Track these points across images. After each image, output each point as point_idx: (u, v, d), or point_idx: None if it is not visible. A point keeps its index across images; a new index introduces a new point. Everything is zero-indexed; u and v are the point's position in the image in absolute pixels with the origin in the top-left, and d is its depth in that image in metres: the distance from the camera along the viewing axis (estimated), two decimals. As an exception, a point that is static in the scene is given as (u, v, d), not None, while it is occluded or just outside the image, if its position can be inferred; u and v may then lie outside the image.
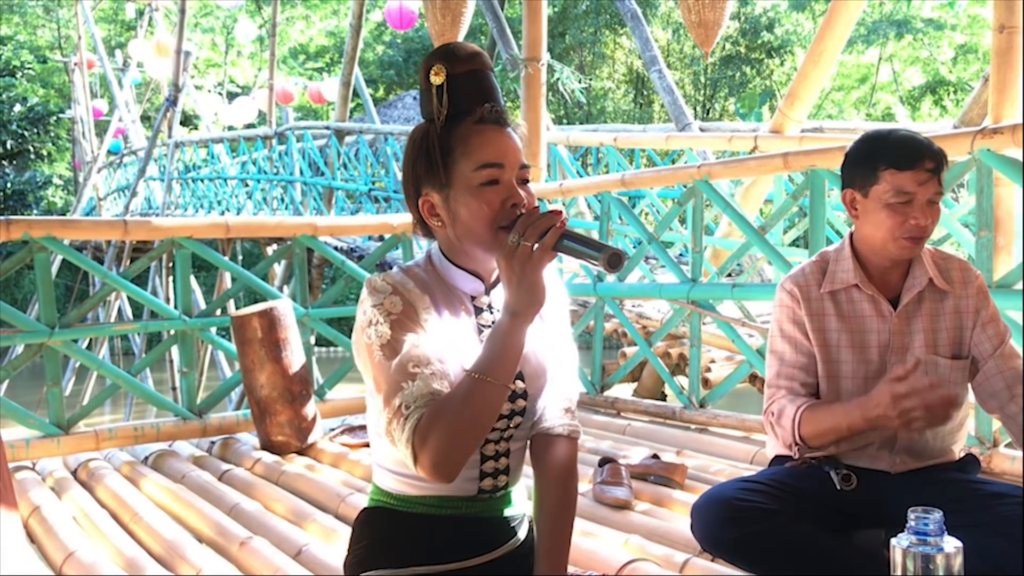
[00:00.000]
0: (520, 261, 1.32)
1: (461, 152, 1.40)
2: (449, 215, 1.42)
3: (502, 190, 1.40)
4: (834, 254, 2.03)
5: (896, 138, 1.90)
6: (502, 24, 7.80)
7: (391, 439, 1.37)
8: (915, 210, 1.85)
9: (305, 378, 3.63)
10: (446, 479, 1.34)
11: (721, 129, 7.75)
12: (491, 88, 1.44)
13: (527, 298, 1.32)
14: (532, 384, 1.52)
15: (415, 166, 1.44)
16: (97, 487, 3.14)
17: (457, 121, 1.41)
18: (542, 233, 1.32)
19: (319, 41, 28.29)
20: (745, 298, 3.71)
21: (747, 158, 4.07)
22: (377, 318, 1.39)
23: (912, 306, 1.96)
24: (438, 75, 1.40)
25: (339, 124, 11.02)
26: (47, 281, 3.53)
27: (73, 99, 20.44)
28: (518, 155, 1.42)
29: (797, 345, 1.99)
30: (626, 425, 3.83)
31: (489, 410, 1.34)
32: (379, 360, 1.38)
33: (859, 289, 1.97)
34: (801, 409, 1.90)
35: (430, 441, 1.31)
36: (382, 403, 1.37)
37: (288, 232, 4.12)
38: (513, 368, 1.36)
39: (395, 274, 1.44)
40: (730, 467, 3.13)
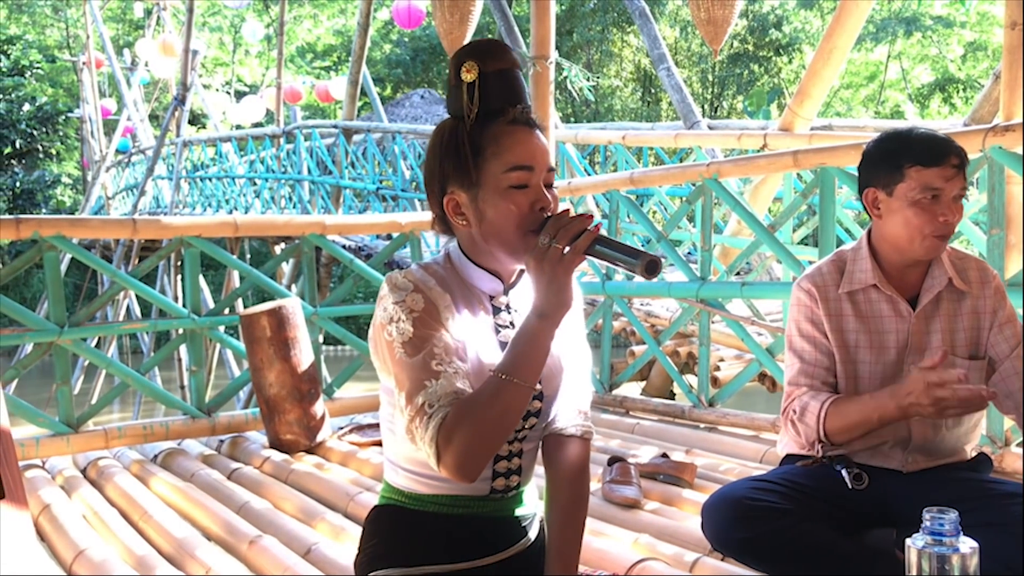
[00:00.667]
0: (551, 263, 1.31)
1: (492, 152, 1.39)
2: (476, 215, 1.41)
3: (531, 193, 1.39)
4: (851, 254, 2.01)
5: (920, 136, 1.89)
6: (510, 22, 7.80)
7: (411, 437, 1.36)
8: (943, 207, 1.84)
9: (314, 376, 3.63)
10: (469, 479, 1.33)
11: (730, 127, 7.73)
12: (522, 88, 1.43)
13: (556, 300, 1.32)
14: (548, 385, 1.51)
15: (442, 163, 1.43)
16: (107, 485, 3.15)
17: (488, 120, 1.40)
18: (574, 236, 1.31)
19: (326, 40, 28.32)
20: (754, 296, 3.70)
21: (757, 156, 4.06)
22: (399, 315, 1.38)
23: (931, 306, 1.95)
24: (470, 72, 1.39)
25: (347, 123, 11.02)
26: (56, 280, 3.53)
27: (82, 98, 20.51)
28: (547, 158, 1.42)
29: (816, 343, 1.99)
30: (635, 424, 3.82)
31: (515, 411, 1.34)
32: (400, 357, 1.37)
33: (877, 289, 1.96)
34: (827, 404, 1.89)
35: (455, 441, 1.30)
36: (404, 401, 1.37)
37: (296, 231, 4.12)
38: (539, 370, 1.35)
39: (416, 272, 1.43)
40: (740, 466, 3.12)
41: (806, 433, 1.94)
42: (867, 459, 1.96)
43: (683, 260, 3.94)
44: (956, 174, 1.84)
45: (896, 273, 1.96)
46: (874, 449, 1.95)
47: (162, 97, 22.23)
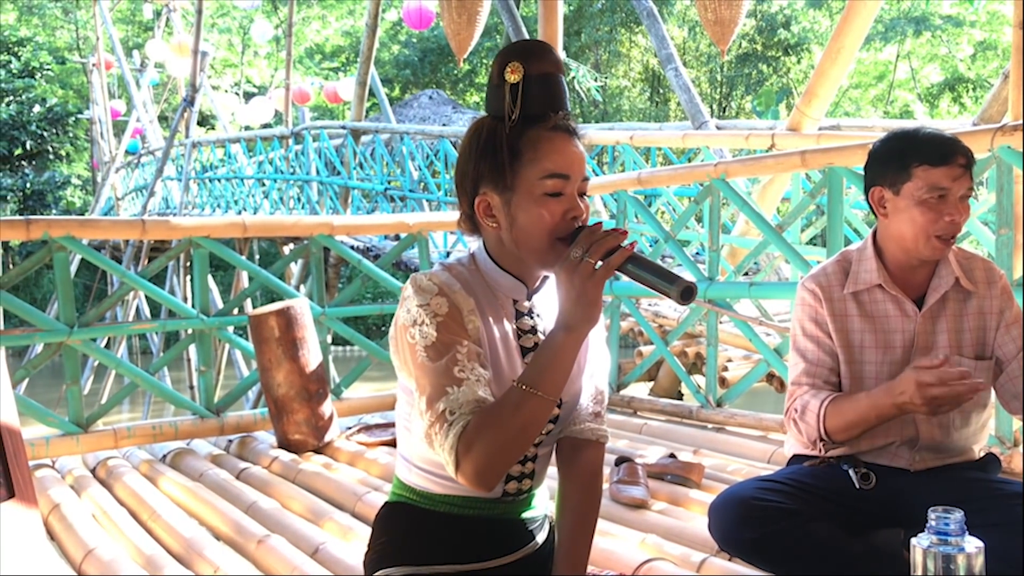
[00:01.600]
0: (582, 277, 1.28)
1: (530, 158, 1.37)
2: (507, 219, 1.40)
3: (565, 201, 1.38)
4: (856, 254, 2.00)
5: (927, 135, 1.88)
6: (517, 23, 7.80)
7: (430, 442, 1.36)
8: (949, 206, 1.84)
9: (322, 377, 3.64)
10: (487, 488, 1.33)
11: (738, 127, 7.72)
12: (564, 94, 1.42)
13: (584, 314, 1.30)
14: (567, 392, 1.50)
15: (477, 163, 1.41)
16: (116, 485, 3.16)
17: (528, 124, 1.38)
18: (608, 252, 1.29)
19: (335, 41, 28.37)
20: (762, 297, 3.69)
21: (765, 156, 4.06)
22: (423, 318, 1.37)
23: (937, 306, 1.94)
24: (514, 73, 1.37)
25: (355, 124, 11.04)
26: (66, 280, 3.55)
27: (91, 100, 20.61)
28: (583, 167, 1.40)
29: (820, 343, 1.98)
30: (643, 424, 3.82)
31: (536, 423, 1.33)
32: (422, 361, 1.36)
33: (882, 289, 1.95)
34: (826, 402, 1.89)
35: (475, 450, 1.30)
36: (424, 405, 1.36)
37: (305, 231, 4.13)
38: (563, 383, 1.34)
39: (440, 274, 1.42)
40: (747, 466, 3.12)
41: (807, 431, 1.94)
42: (874, 458, 1.96)
43: (691, 260, 3.94)
44: (963, 174, 1.84)
45: (902, 273, 1.95)
46: (882, 448, 1.95)
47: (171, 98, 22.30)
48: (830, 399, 1.89)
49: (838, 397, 1.90)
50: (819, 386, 1.96)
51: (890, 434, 1.93)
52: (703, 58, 24.46)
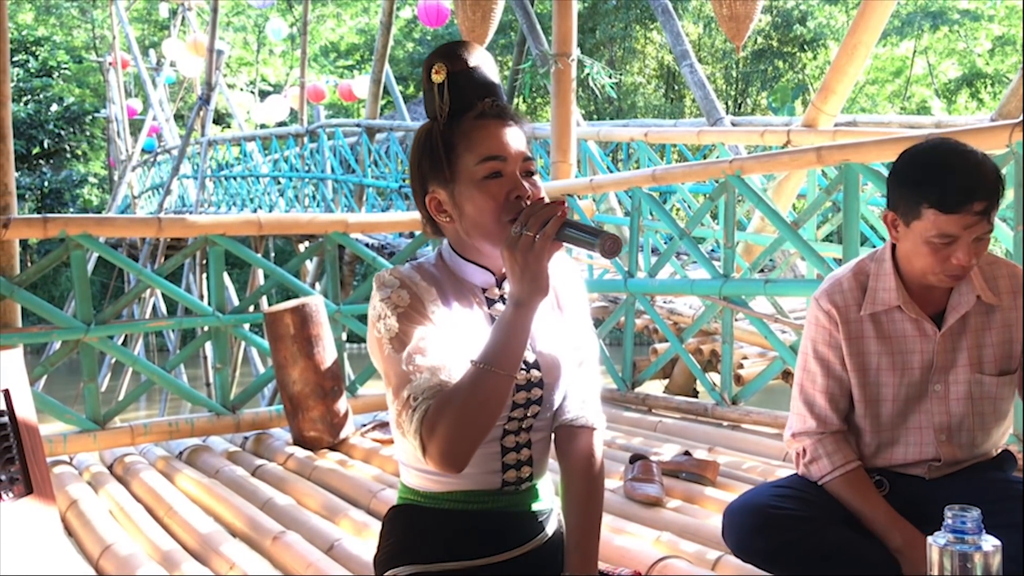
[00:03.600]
0: (523, 251, 1.32)
1: (464, 147, 1.42)
2: (456, 210, 1.44)
3: (506, 183, 1.42)
4: (874, 267, 1.89)
5: (945, 168, 1.71)
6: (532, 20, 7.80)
7: (401, 431, 1.39)
8: (958, 251, 1.71)
9: (337, 374, 3.65)
10: (455, 469, 1.35)
11: (753, 124, 7.69)
12: (491, 83, 1.45)
13: (530, 287, 1.33)
14: (548, 373, 1.52)
15: (420, 164, 1.46)
16: (132, 481, 3.18)
17: (459, 117, 1.43)
18: (543, 223, 1.33)
19: (350, 39, 28.42)
20: (778, 294, 3.68)
21: (780, 153, 4.04)
22: (385, 312, 1.41)
23: (957, 325, 1.85)
24: (439, 73, 1.42)
25: (370, 122, 11.07)
26: (83, 278, 3.58)
27: (108, 98, 20.73)
28: (521, 147, 1.44)
29: (830, 369, 1.90)
30: (657, 422, 3.82)
31: (495, 399, 1.35)
32: (388, 353, 1.40)
33: (901, 310, 1.85)
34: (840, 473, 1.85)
35: (438, 431, 1.33)
36: (391, 395, 1.40)
37: (320, 229, 4.14)
38: (518, 358, 1.36)
39: (403, 269, 1.46)
40: (763, 464, 3.11)
41: (804, 473, 1.91)
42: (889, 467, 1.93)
43: (706, 257, 3.92)
44: (978, 221, 1.69)
45: (920, 291, 1.86)
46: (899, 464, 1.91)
47: (187, 97, 22.41)
48: (849, 471, 1.84)
49: (856, 478, 1.84)
50: (827, 419, 1.89)
51: (908, 455, 1.88)
52: (718, 54, 24.36)
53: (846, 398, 1.90)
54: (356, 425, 3.79)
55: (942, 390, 1.84)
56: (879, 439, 1.88)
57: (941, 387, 1.84)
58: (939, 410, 1.84)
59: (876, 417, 1.87)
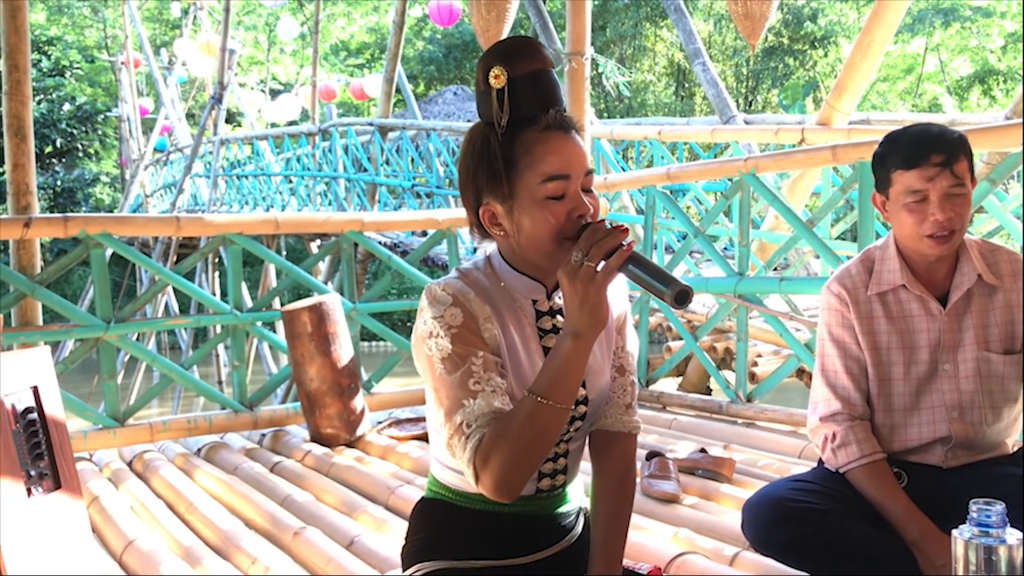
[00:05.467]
0: (583, 282, 1.26)
1: (526, 163, 1.34)
2: (512, 226, 1.37)
3: (568, 202, 1.34)
4: (879, 253, 1.98)
5: (906, 135, 1.85)
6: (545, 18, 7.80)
7: (452, 453, 1.36)
8: (932, 207, 1.80)
9: (353, 371, 3.67)
10: (508, 498, 1.33)
11: (767, 122, 7.68)
12: (554, 90, 1.37)
13: (589, 320, 1.27)
14: (593, 387, 1.49)
15: (476, 175, 1.38)
16: (152, 478, 3.21)
17: (520, 128, 1.34)
18: (608, 253, 1.26)
19: (360, 37, 28.45)
20: (792, 292, 3.69)
21: (795, 151, 4.04)
22: (438, 330, 1.36)
23: (961, 303, 1.91)
24: (498, 78, 1.33)
25: (382, 120, 11.08)
26: (103, 277, 3.61)
27: (120, 98, 20.79)
28: (584, 162, 1.37)
29: (847, 350, 1.95)
30: (672, 420, 3.83)
31: (550, 431, 1.32)
32: (440, 374, 1.36)
33: (906, 289, 1.93)
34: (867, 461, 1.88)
35: (492, 462, 1.30)
36: (443, 417, 1.36)
37: (336, 228, 4.16)
38: (575, 390, 1.32)
39: (455, 283, 1.40)
40: (778, 461, 3.12)
41: (828, 459, 1.94)
42: (906, 456, 1.95)
43: (720, 256, 3.93)
44: (939, 172, 1.79)
45: (924, 271, 1.93)
46: (914, 448, 1.94)
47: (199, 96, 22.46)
48: (875, 461, 1.88)
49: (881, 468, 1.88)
50: (851, 400, 1.93)
51: (923, 434, 1.92)
52: (729, 52, 24.30)
53: (865, 378, 1.94)
54: (372, 422, 3.81)
55: (951, 368, 1.89)
56: (892, 419, 1.93)
57: (950, 366, 1.89)
58: (949, 388, 1.89)
59: (889, 396, 1.93)
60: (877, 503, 1.84)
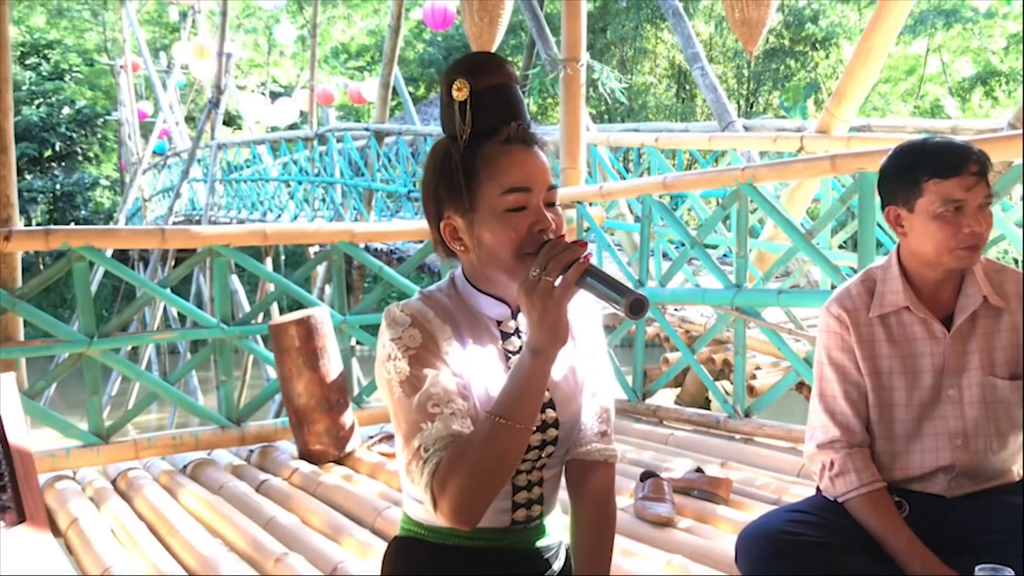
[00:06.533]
0: (542, 296, 1.24)
1: (486, 175, 1.32)
2: (473, 240, 1.35)
3: (529, 215, 1.32)
4: (881, 273, 1.90)
5: (935, 145, 1.78)
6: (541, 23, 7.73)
7: (410, 479, 1.32)
8: (968, 217, 1.74)
9: (343, 386, 3.60)
10: (467, 525, 1.28)
11: (765, 127, 7.60)
12: (518, 104, 1.36)
13: (549, 336, 1.25)
14: (564, 411, 1.45)
15: (437, 188, 1.37)
16: (136, 497, 3.15)
17: (481, 140, 1.33)
18: (564, 267, 1.24)
19: (360, 40, 28.41)
20: (792, 304, 3.61)
21: (793, 160, 3.97)
22: (395, 353, 1.33)
23: (966, 326, 1.84)
24: (461, 90, 1.32)
25: (378, 126, 11.00)
26: (86, 291, 3.53)
27: (119, 101, 20.77)
28: (546, 177, 1.35)
29: (846, 374, 1.88)
30: (669, 435, 3.75)
31: (511, 453, 1.28)
32: (398, 397, 1.33)
33: (909, 311, 1.85)
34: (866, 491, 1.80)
35: (449, 487, 1.26)
36: (402, 442, 1.33)
37: (326, 239, 4.09)
38: (535, 409, 1.29)
39: (415, 303, 1.38)
40: (776, 480, 3.05)
41: (827, 487, 1.86)
42: (908, 485, 1.88)
43: (718, 267, 3.85)
44: (977, 182, 1.74)
45: (928, 292, 1.85)
46: (916, 476, 1.87)
47: (198, 99, 22.41)
48: (874, 490, 1.80)
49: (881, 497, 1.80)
50: (850, 427, 1.86)
51: (925, 462, 1.84)
52: (729, 53, 24.22)
53: (865, 404, 1.87)
54: (362, 437, 3.74)
55: (956, 394, 1.82)
56: (894, 446, 1.85)
57: (955, 391, 1.82)
58: (953, 414, 1.82)
59: (890, 423, 1.85)
60: (877, 534, 1.76)
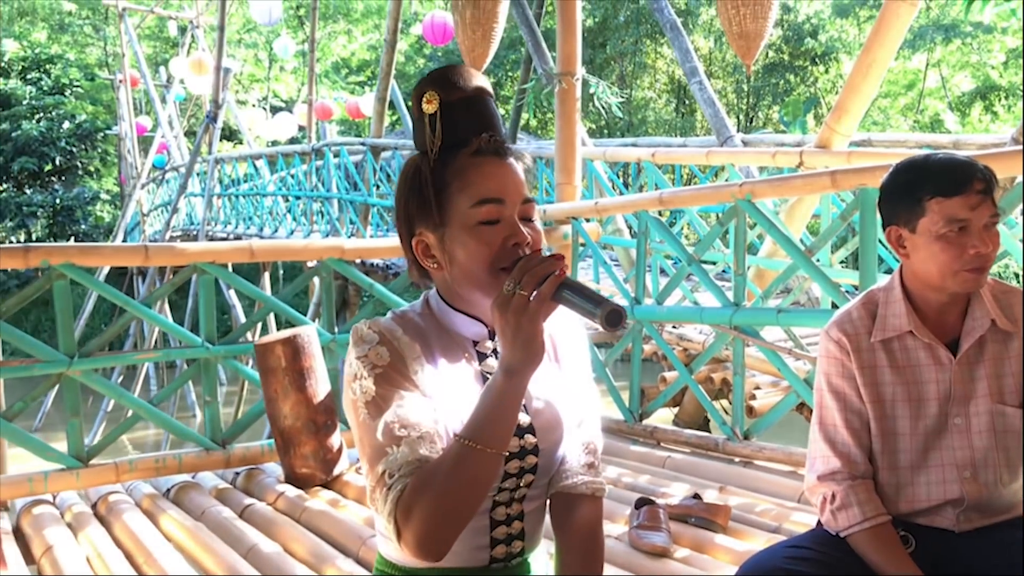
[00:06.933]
0: (516, 312, 1.16)
1: (457, 187, 1.26)
2: (445, 256, 1.28)
3: (503, 228, 1.26)
4: (883, 296, 1.80)
5: (937, 162, 1.69)
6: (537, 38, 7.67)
7: (375, 508, 1.23)
8: (973, 238, 1.64)
9: (331, 407, 3.50)
10: (433, 558, 1.19)
11: (764, 142, 7.52)
12: (489, 116, 1.29)
13: (523, 354, 1.17)
14: (545, 438, 1.36)
15: (407, 203, 1.30)
16: (115, 523, 3.05)
17: (452, 153, 1.27)
18: (539, 281, 1.17)
19: (361, 55, 28.42)
20: (792, 324, 3.52)
21: (793, 176, 3.88)
22: (361, 372, 1.25)
23: (973, 351, 1.74)
24: (430, 103, 1.27)
25: (374, 140, 10.94)
26: (66, 309, 3.43)
27: (119, 116, 20.75)
28: (520, 189, 1.28)
29: (847, 402, 1.78)
30: (666, 457, 3.65)
31: (482, 480, 1.20)
32: (363, 419, 1.24)
33: (913, 336, 1.75)
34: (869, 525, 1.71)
35: (414, 516, 1.17)
36: (366, 468, 1.24)
37: (315, 255, 3.99)
38: (508, 432, 1.21)
39: (384, 321, 1.31)
40: (777, 507, 2.94)
41: (828, 520, 1.77)
42: (915, 519, 1.78)
43: (716, 285, 3.76)
44: (982, 200, 1.64)
45: (933, 315, 1.75)
46: (923, 510, 1.77)
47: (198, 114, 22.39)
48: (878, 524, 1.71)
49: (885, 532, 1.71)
50: (852, 458, 1.76)
51: (932, 495, 1.74)
52: (729, 68, 24.22)
53: (867, 433, 1.77)
54: (351, 459, 3.64)
55: (963, 423, 1.72)
56: (898, 478, 1.75)
57: (962, 420, 1.72)
58: (961, 444, 1.72)
59: (894, 453, 1.75)
60: (882, 571, 1.67)
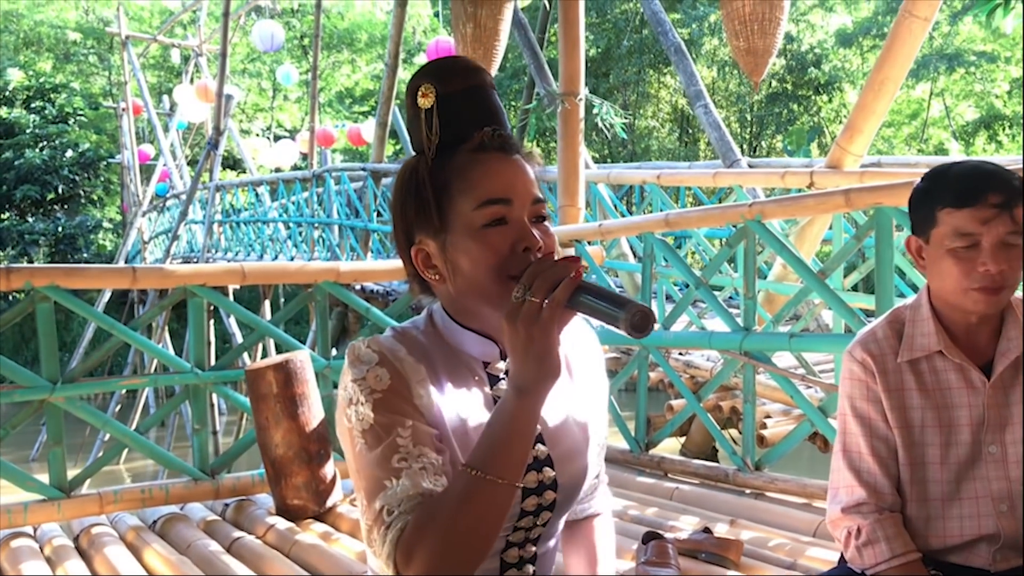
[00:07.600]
0: (526, 321, 1.02)
1: (459, 188, 1.12)
2: (447, 265, 1.14)
3: (510, 231, 1.12)
4: (910, 313, 1.67)
5: (957, 171, 1.57)
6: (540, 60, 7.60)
7: (372, 549, 1.09)
8: (983, 255, 1.52)
9: (324, 436, 3.36)
10: None
11: (772, 165, 7.42)
12: (492, 108, 1.16)
13: (535, 370, 1.03)
14: (564, 469, 1.21)
15: (404, 209, 1.17)
16: (96, 557, 2.91)
17: (452, 151, 1.14)
18: (553, 286, 1.03)
19: (365, 85, 28.53)
20: (805, 349, 3.37)
21: (804, 195, 3.75)
22: (358, 396, 1.11)
23: (1008, 373, 1.60)
24: (426, 96, 1.14)
25: (375, 166, 10.87)
26: (49, 333, 3.29)
27: (121, 144, 20.78)
28: (530, 187, 1.14)
29: (873, 428, 1.64)
30: (674, 489, 3.49)
31: (492, 516, 1.06)
32: (359, 449, 1.11)
33: (943, 356, 1.62)
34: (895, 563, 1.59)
35: (416, 558, 1.03)
36: (364, 503, 1.10)
37: (309, 278, 3.86)
38: (522, 461, 1.07)
39: (385, 339, 1.16)
40: (791, 542, 2.78)
41: (853, 559, 1.63)
42: (947, 557, 1.63)
43: (725, 309, 3.62)
44: (997, 215, 1.51)
45: (963, 334, 1.62)
46: (956, 547, 1.62)
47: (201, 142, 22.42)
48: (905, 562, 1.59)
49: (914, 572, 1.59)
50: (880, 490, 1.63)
51: (965, 531, 1.61)
52: (732, 97, 24.23)
53: (895, 461, 1.64)
54: (345, 491, 3.48)
55: (998, 452, 1.59)
56: (928, 511, 1.62)
57: (997, 448, 1.59)
58: (996, 475, 1.59)
59: (924, 484, 1.62)
60: None
